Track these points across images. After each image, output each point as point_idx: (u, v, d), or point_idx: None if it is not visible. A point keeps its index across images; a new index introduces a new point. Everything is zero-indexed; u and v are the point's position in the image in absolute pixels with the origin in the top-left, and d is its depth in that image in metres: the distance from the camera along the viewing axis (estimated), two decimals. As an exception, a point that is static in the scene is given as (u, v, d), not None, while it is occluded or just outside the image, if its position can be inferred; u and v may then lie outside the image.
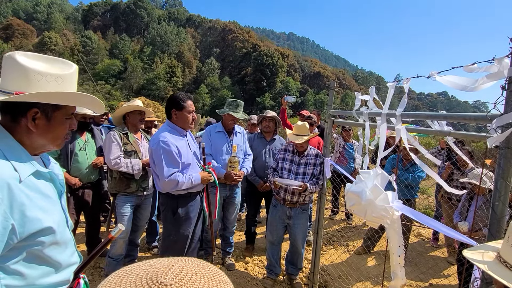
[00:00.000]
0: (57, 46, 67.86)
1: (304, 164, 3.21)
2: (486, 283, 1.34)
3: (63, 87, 1.04)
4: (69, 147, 3.20)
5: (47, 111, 1.03)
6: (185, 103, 2.57)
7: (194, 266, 0.55)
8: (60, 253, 1.06)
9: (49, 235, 1.01)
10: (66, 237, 1.10)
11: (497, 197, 1.31)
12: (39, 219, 0.97)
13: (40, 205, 0.99)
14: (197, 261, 0.58)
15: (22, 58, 1.00)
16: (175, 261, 0.55)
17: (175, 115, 2.60)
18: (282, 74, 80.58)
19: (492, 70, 1.29)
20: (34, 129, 1.02)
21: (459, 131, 2.31)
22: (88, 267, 3.43)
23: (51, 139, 1.08)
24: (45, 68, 1.03)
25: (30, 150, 1.04)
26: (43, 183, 1.05)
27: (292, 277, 3.40)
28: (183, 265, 0.53)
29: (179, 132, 2.63)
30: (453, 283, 3.65)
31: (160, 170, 2.47)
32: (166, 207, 2.68)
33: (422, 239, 5.09)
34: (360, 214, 2.14)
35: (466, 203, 3.35)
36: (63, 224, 1.10)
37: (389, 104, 2.14)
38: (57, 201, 1.10)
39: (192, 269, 0.53)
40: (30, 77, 0.99)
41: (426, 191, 8.19)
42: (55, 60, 1.08)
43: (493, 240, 1.28)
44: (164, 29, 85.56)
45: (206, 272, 0.54)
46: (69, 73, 1.08)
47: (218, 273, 0.57)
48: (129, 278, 0.49)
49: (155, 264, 0.53)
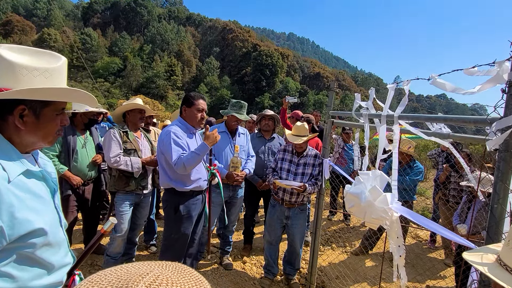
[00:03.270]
0: (56, 43, 67.65)
1: (303, 165, 3.22)
2: (484, 285, 1.35)
3: (50, 81, 0.98)
4: (70, 145, 3.20)
5: (35, 108, 0.97)
6: (196, 101, 2.66)
7: (173, 274, 0.50)
8: (53, 254, 1.03)
9: (40, 237, 0.96)
10: (59, 238, 1.06)
11: (496, 199, 1.32)
12: (29, 221, 0.93)
13: (31, 206, 0.95)
14: (178, 268, 0.53)
15: (6, 51, 0.94)
16: (153, 268, 0.51)
17: (185, 112, 2.70)
18: (282, 74, 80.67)
19: (493, 73, 1.29)
20: (22, 127, 0.96)
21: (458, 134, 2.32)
22: (85, 265, 3.45)
23: (41, 136, 1.02)
24: (31, 61, 0.96)
25: (20, 148, 1.00)
26: (35, 182, 1.01)
27: (290, 277, 3.41)
28: (159, 273, 0.49)
29: (189, 130, 2.71)
30: (450, 285, 3.66)
31: (169, 156, 2.52)
32: (168, 204, 2.70)
33: (420, 240, 5.11)
34: (360, 216, 2.14)
35: (465, 206, 3.37)
36: (56, 224, 1.06)
37: (389, 105, 2.15)
38: (49, 201, 1.06)
39: (169, 278, 0.49)
40: (15, 72, 0.93)
41: (424, 193, 8.22)
42: (41, 53, 1.02)
43: (491, 243, 1.29)
44: (164, 27, 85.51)
45: (185, 281, 0.50)
46: (57, 66, 1.01)
47: (200, 281, 0.52)
48: (100, 285, 0.46)
49: (131, 270, 0.50)
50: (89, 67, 64.23)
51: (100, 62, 71.11)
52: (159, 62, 74.52)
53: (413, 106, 6.74)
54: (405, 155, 4.08)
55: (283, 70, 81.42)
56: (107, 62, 71.29)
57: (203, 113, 2.70)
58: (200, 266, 3.59)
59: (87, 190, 3.41)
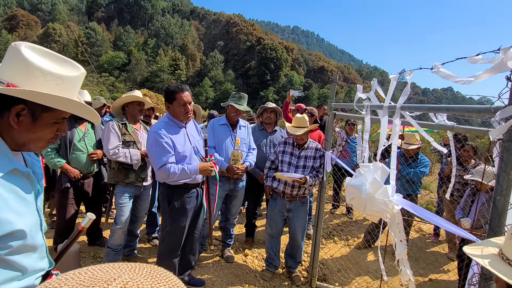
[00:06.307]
0: (61, 37, 67.96)
1: (304, 157, 3.18)
2: (485, 278, 1.31)
3: (61, 89, 0.96)
4: (67, 137, 3.19)
5: (35, 110, 0.95)
6: (175, 96, 2.51)
7: (146, 279, 0.44)
8: (26, 258, 0.98)
9: (19, 239, 0.92)
10: (37, 241, 1.02)
11: (498, 191, 1.28)
12: (10, 222, 0.88)
13: (13, 207, 0.91)
14: (152, 272, 0.47)
15: (27, 50, 0.93)
16: (122, 273, 0.45)
17: (168, 108, 2.59)
18: (286, 68, 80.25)
19: (496, 61, 1.24)
20: (16, 126, 0.94)
21: (462, 126, 2.27)
22: (88, 257, 3.47)
23: (32, 139, 0.99)
24: (48, 65, 0.95)
25: (10, 146, 0.96)
26: (20, 182, 0.97)
27: (291, 270, 3.40)
28: (129, 278, 0.43)
29: (177, 124, 2.62)
30: (452, 278, 3.63)
31: (151, 160, 2.58)
32: (163, 196, 2.69)
33: (423, 234, 5.07)
34: (360, 208, 2.11)
35: (468, 199, 3.32)
36: (36, 227, 1.01)
37: (392, 97, 2.10)
38: (32, 202, 1.02)
39: (140, 284, 0.43)
40: (28, 71, 0.92)
41: (428, 187, 8.15)
42: (63, 60, 1.00)
43: (493, 236, 1.26)
44: (168, 21, 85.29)
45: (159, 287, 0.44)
46: (72, 76, 1.00)
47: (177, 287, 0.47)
48: None
49: (97, 275, 0.44)
50: (94, 61, 64.52)
51: (105, 56, 71.25)
52: (163, 56, 74.52)
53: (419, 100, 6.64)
54: (410, 150, 4.02)
55: (287, 63, 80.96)
56: (111, 56, 71.41)
57: (187, 106, 2.54)
58: (202, 259, 3.59)
59: (86, 183, 3.42)
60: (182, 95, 2.51)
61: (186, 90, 2.57)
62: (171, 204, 2.63)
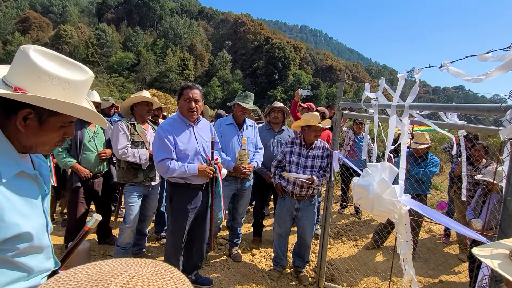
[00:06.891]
0: (72, 39, 69.01)
1: (312, 157, 3.17)
2: (496, 281, 1.29)
3: (69, 93, 0.96)
4: (78, 137, 3.25)
5: (42, 114, 0.95)
6: (183, 92, 2.60)
7: (151, 275, 0.46)
8: (32, 259, 0.99)
9: (25, 241, 0.93)
10: (44, 243, 1.03)
11: (509, 192, 1.25)
12: (17, 224, 0.89)
13: (20, 209, 0.92)
14: (158, 268, 0.49)
15: (35, 54, 0.92)
16: (128, 268, 0.47)
17: (178, 104, 2.69)
18: (294, 67, 79.97)
19: (507, 58, 1.22)
20: (23, 129, 0.94)
21: (473, 125, 2.23)
22: (98, 256, 3.53)
23: (39, 143, 1.00)
24: (55, 69, 0.94)
25: (18, 148, 0.98)
26: (27, 184, 0.98)
27: (299, 269, 3.39)
28: (134, 273, 0.45)
29: (184, 122, 2.65)
30: (463, 280, 3.57)
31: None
32: (167, 195, 2.75)
33: (433, 235, 5.00)
34: (367, 208, 2.09)
35: (479, 200, 3.26)
36: (42, 229, 1.02)
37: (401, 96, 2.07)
38: (39, 204, 1.03)
39: (145, 279, 0.44)
40: (36, 75, 0.91)
41: (439, 187, 8.02)
42: (71, 64, 1.00)
43: (504, 237, 1.23)
44: (177, 21, 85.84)
45: (164, 282, 0.46)
46: (80, 80, 0.99)
47: (181, 282, 0.48)
48: (67, 285, 0.43)
49: (104, 269, 0.46)
50: (104, 62, 65.35)
51: (115, 57, 72.12)
52: (171, 57, 74.99)
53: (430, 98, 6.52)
54: (419, 150, 3.96)
55: (295, 63, 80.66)
56: (121, 57, 72.24)
57: (191, 103, 2.55)
58: (209, 258, 3.61)
59: (96, 182, 3.47)
60: (188, 91, 2.57)
61: (195, 88, 2.61)
62: (172, 203, 2.67)
